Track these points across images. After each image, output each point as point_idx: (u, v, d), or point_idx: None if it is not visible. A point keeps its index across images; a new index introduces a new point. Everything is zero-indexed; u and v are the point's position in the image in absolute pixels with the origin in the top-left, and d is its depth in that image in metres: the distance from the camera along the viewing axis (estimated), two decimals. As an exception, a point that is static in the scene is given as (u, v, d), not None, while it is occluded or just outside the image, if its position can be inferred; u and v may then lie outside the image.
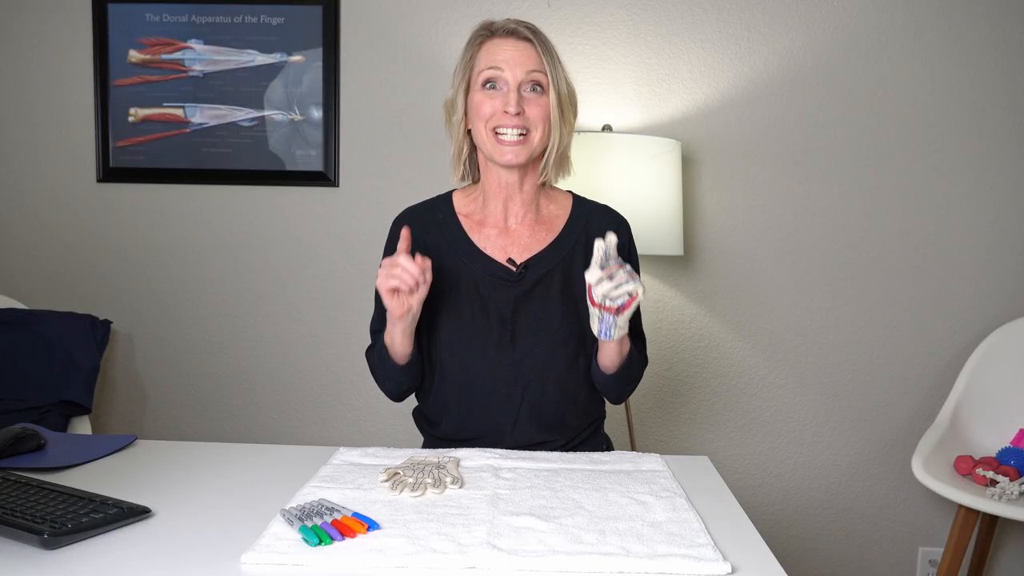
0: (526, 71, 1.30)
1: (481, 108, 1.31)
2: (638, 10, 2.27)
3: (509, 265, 1.35)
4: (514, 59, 1.30)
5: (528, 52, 1.31)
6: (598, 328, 1.23)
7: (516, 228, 1.38)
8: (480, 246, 1.37)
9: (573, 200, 1.44)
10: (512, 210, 1.38)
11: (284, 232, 2.35)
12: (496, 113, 1.30)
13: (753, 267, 2.31)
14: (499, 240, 1.38)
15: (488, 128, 1.31)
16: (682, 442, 2.35)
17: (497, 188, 1.37)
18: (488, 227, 1.39)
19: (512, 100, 1.29)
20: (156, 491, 1.07)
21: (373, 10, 2.29)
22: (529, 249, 1.37)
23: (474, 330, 1.34)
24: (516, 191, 1.37)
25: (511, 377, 1.34)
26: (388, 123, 2.31)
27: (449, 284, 1.35)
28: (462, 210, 1.41)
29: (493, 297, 1.35)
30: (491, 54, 1.31)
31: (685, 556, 0.86)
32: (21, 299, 2.34)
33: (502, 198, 1.37)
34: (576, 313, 1.36)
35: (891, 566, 2.35)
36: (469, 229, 1.39)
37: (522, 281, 1.35)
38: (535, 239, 1.38)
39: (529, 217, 1.39)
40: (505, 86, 1.30)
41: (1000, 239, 2.28)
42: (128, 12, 2.29)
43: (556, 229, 1.39)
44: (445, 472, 1.11)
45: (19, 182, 2.36)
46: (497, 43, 1.32)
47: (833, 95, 2.27)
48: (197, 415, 2.39)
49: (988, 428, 2.13)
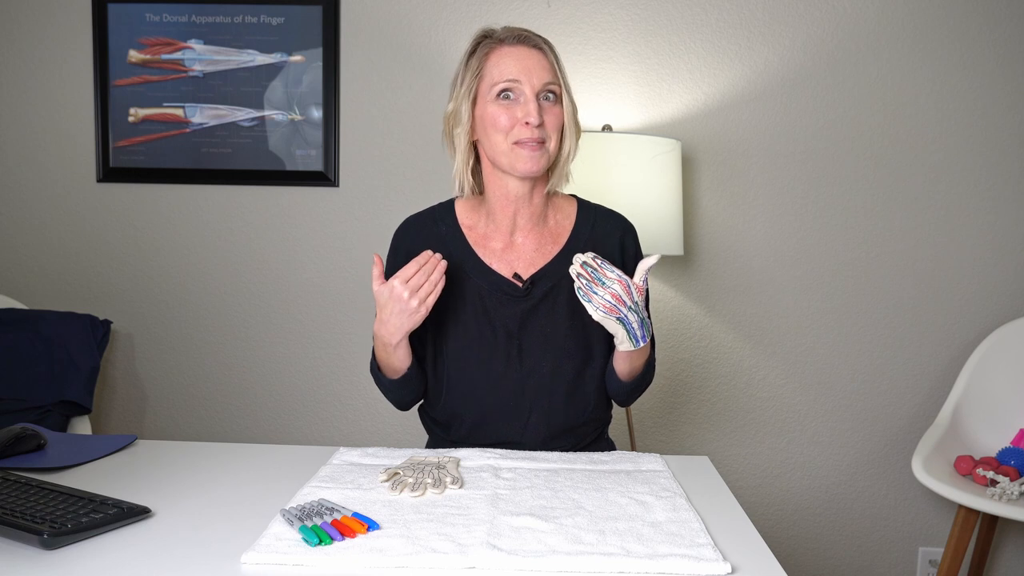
0: (543, 81, 1.27)
1: (498, 119, 1.27)
2: (638, 10, 2.27)
3: (515, 281, 1.34)
4: (531, 68, 1.27)
5: (542, 61, 1.29)
6: (629, 340, 1.23)
7: (522, 242, 1.36)
8: (486, 260, 1.35)
9: (578, 206, 1.42)
10: (519, 223, 1.36)
11: (284, 232, 2.35)
12: (516, 125, 1.26)
13: (753, 267, 2.31)
14: (504, 255, 1.35)
15: (508, 141, 1.27)
16: (682, 442, 2.35)
17: (505, 201, 1.34)
18: (493, 241, 1.36)
19: (533, 111, 1.25)
20: (156, 491, 1.07)
21: (373, 10, 2.29)
22: (535, 263, 1.35)
23: (480, 344, 1.33)
24: (525, 203, 1.34)
25: (518, 390, 1.33)
26: (388, 123, 2.31)
27: (455, 297, 1.34)
28: (466, 222, 1.38)
29: (499, 312, 1.33)
30: (505, 64, 1.27)
31: (685, 556, 0.86)
32: (21, 299, 2.35)
33: (510, 211, 1.34)
34: (583, 325, 1.34)
35: (891, 566, 2.35)
36: (474, 243, 1.36)
37: (528, 296, 1.33)
38: (541, 252, 1.36)
39: (535, 229, 1.36)
40: (522, 96, 1.27)
41: (1000, 239, 2.28)
42: (128, 12, 2.29)
43: (561, 240, 1.37)
44: (445, 472, 1.11)
45: (19, 182, 2.36)
46: (509, 51, 1.28)
47: (833, 95, 2.27)
48: (197, 415, 2.39)
49: (988, 428, 2.13)
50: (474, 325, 1.33)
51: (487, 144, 1.30)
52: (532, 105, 1.26)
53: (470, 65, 1.31)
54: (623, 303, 1.19)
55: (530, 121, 1.25)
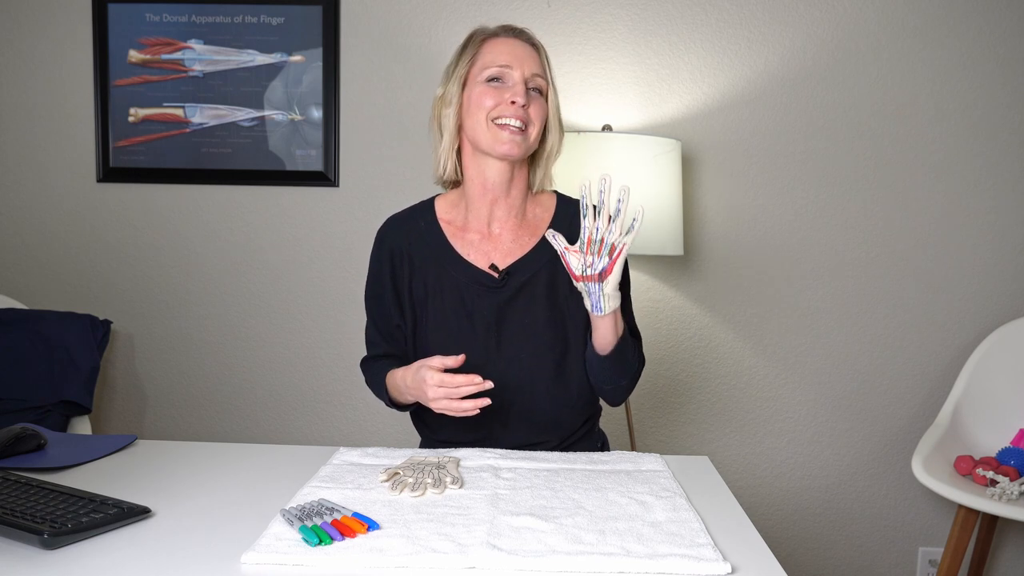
0: (532, 70, 1.32)
1: (483, 100, 1.30)
2: (638, 10, 2.27)
3: (491, 272, 1.35)
4: (522, 58, 1.31)
5: (533, 55, 1.34)
6: (589, 303, 1.23)
7: (499, 233, 1.38)
8: (462, 253, 1.36)
9: (557, 201, 1.43)
10: (496, 215, 1.37)
11: (284, 232, 2.35)
12: (501, 104, 1.29)
13: (753, 267, 2.31)
14: (481, 246, 1.37)
15: (489, 118, 1.30)
16: (682, 442, 2.35)
17: (482, 191, 1.36)
18: (471, 232, 1.38)
19: (520, 91, 1.29)
20: (156, 491, 1.07)
21: (373, 10, 2.29)
22: (511, 254, 1.36)
23: (460, 338, 1.34)
24: (502, 194, 1.36)
25: (499, 383, 1.32)
26: (388, 123, 2.31)
27: (434, 293, 1.36)
28: (444, 216, 1.40)
29: (477, 304, 1.34)
30: (496, 52, 1.32)
31: (685, 556, 0.86)
32: (21, 299, 2.35)
33: (487, 201, 1.36)
34: (562, 317, 1.35)
35: (891, 566, 2.35)
36: (451, 236, 1.38)
37: (505, 287, 1.34)
38: (518, 244, 1.37)
39: (513, 221, 1.38)
40: (511, 81, 1.31)
41: (1000, 239, 2.28)
42: (128, 12, 2.29)
43: (539, 233, 1.38)
44: (445, 472, 1.11)
45: (19, 182, 2.36)
46: (502, 41, 1.33)
47: (833, 95, 2.27)
48: (197, 415, 2.39)
49: (988, 428, 2.13)
50: (453, 319, 1.35)
51: (470, 124, 1.32)
52: (520, 87, 1.30)
53: (464, 53, 1.35)
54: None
55: (516, 100, 1.29)
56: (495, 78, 1.31)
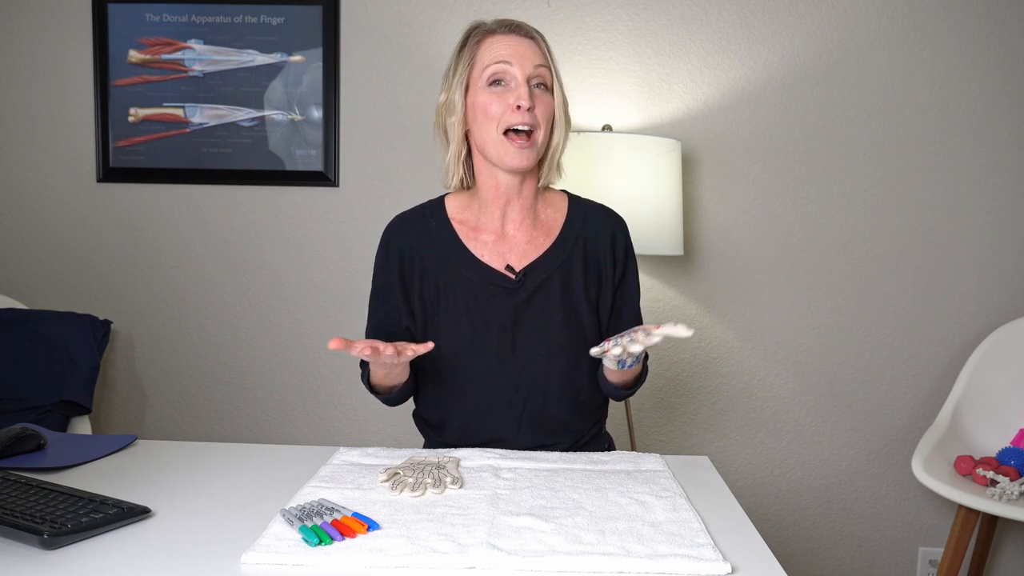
0: (533, 65, 1.27)
1: (489, 108, 1.27)
2: (638, 10, 2.27)
3: (507, 273, 1.33)
4: (521, 53, 1.27)
5: (533, 48, 1.29)
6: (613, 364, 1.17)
7: (513, 234, 1.35)
8: (477, 254, 1.34)
9: (569, 201, 1.41)
10: (510, 216, 1.35)
11: (284, 232, 2.35)
12: (507, 111, 1.26)
13: (753, 267, 2.31)
14: (496, 247, 1.35)
15: (499, 129, 1.26)
16: (682, 442, 2.35)
17: (495, 193, 1.34)
18: (484, 234, 1.35)
19: (524, 94, 1.25)
20: (156, 491, 1.07)
21: (373, 10, 2.29)
22: (527, 255, 1.34)
23: (474, 340, 1.32)
24: (515, 195, 1.34)
25: (512, 385, 1.33)
26: (388, 123, 2.31)
27: (446, 294, 1.33)
28: (456, 216, 1.37)
29: (492, 306, 1.32)
30: (495, 50, 1.28)
31: (685, 556, 0.86)
32: (21, 299, 2.35)
33: (500, 203, 1.34)
34: (576, 318, 1.34)
35: (891, 566, 2.35)
36: (464, 236, 1.35)
37: (521, 289, 1.32)
38: (533, 245, 1.35)
39: (527, 222, 1.36)
40: (513, 81, 1.27)
41: (1000, 239, 2.28)
42: (128, 12, 2.29)
43: (553, 233, 1.36)
44: (445, 472, 1.11)
45: (19, 182, 2.36)
46: (500, 39, 1.29)
47: (833, 95, 2.27)
48: (197, 415, 2.39)
49: (988, 428, 2.13)
50: (467, 321, 1.32)
51: (478, 134, 1.30)
52: (523, 89, 1.26)
53: (462, 55, 1.31)
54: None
55: (521, 104, 1.24)
56: (497, 80, 1.27)
